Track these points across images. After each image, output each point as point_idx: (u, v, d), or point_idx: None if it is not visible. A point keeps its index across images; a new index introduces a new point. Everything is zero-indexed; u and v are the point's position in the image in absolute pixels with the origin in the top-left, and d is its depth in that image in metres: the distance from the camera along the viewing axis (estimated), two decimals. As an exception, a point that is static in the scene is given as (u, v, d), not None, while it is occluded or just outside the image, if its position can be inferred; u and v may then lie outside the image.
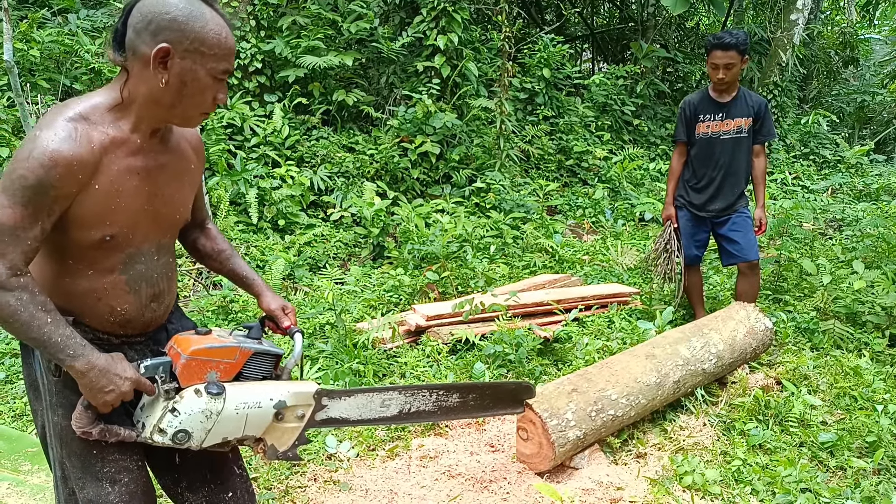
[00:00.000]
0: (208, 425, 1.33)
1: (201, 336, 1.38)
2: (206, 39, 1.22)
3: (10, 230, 1.16)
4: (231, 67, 1.28)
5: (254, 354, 1.42)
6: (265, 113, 5.95)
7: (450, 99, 6.46)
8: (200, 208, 1.61)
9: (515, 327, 3.30)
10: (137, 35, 1.21)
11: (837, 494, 2.24)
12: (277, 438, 1.46)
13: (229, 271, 1.63)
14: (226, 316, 3.77)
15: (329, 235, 5.15)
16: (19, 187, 1.15)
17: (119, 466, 1.35)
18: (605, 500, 2.29)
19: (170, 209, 1.39)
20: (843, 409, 2.82)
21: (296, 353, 1.52)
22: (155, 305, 1.40)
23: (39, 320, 1.19)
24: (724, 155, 3.46)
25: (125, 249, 1.32)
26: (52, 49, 5.43)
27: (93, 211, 1.23)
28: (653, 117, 9.15)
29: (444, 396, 1.82)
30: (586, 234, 6.16)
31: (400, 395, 1.71)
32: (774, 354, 3.29)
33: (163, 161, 1.35)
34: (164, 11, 1.19)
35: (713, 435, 2.68)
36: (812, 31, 10.54)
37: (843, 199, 7.44)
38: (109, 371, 1.25)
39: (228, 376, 1.38)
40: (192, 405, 1.31)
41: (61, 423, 1.33)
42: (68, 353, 1.21)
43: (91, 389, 1.24)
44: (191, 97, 1.25)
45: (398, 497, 2.31)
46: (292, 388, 1.45)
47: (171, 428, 1.30)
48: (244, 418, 1.37)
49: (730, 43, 3.22)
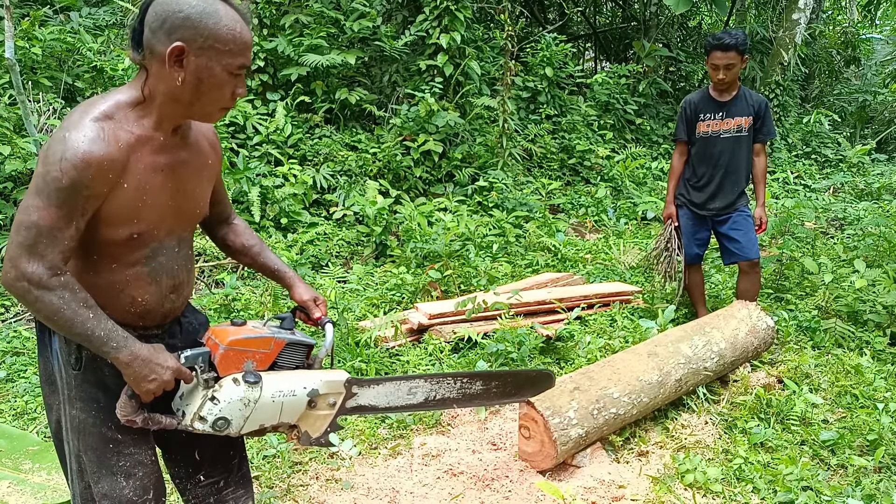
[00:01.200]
0: (246, 413, 1.37)
1: (238, 327, 1.42)
2: (219, 36, 1.23)
3: (47, 231, 1.18)
4: (248, 62, 1.29)
5: (287, 344, 1.46)
6: (268, 111, 5.96)
7: (452, 97, 6.46)
8: (224, 204, 1.63)
9: (518, 326, 3.30)
10: (153, 34, 1.22)
11: (838, 492, 2.24)
12: (311, 425, 1.51)
13: (261, 265, 1.66)
14: (227, 314, 3.78)
15: (331, 234, 5.15)
16: (54, 189, 1.17)
17: (134, 460, 1.38)
18: (607, 498, 2.29)
19: (191, 204, 1.41)
20: (844, 407, 2.83)
21: (327, 343, 1.57)
22: (174, 297, 1.43)
23: (82, 316, 1.22)
24: (725, 154, 3.46)
25: (150, 244, 1.34)
26: (53, 47, 5.43)
27: (122, 209, 1.26)
28: (655, 116, 9.15)
29: (467, 384, 1.88)
30: (589, 232, 6.16)
31: (426, 382, 1.77)
32: (776, 353, 3.29)
33: (184, 157, 1.37)
34: (178, 10, 1.21)
35: (715, 433, 2.69)
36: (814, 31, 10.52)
37: (845, 199, 7.44)
38: (152, 361, 1.28)
39: (264, 366, 1.42)
40: (231, 393, 1.35)
41: (79, 416, 1.35)
42: (112, 345, 1.25)
43: (135, 379, 1.28)
44: (208, 93, 1.27)
45: (400, 495, 2.31)
46: (324, 377, 1.50)
47: (212, 415, 1.34)
48: (280, 406, 1.42)
49: (729, 44, 3.22)
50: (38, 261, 1.19)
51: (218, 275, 4.50)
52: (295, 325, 1.53)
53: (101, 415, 1.35)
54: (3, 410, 2.88)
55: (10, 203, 4.19)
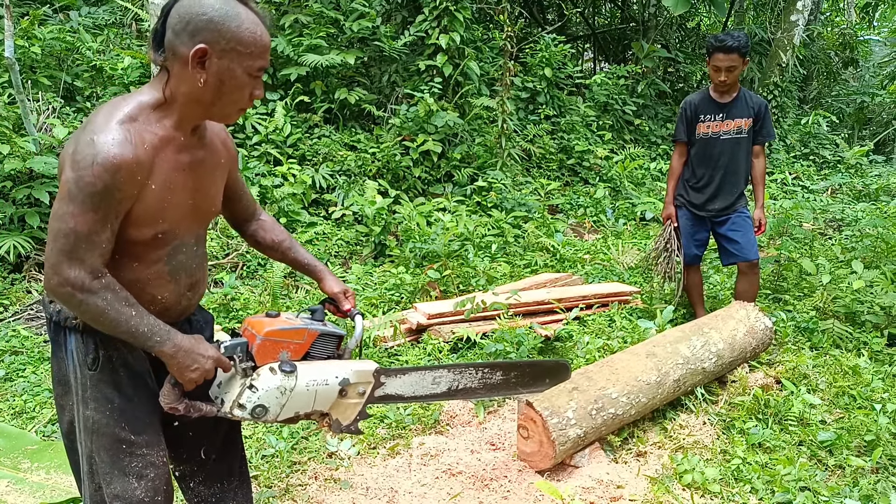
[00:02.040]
0: (283, 400, 1.42)
1: (273, 318, 1.48)
2: (242, 38, 1.25)
3: (85, 237, 1.21)
4: (267, 64, 1.32)
5: (320, 335, 1.52)
6: (267, 111, 5.95)
7: (451, 98, 6.46)
8: (247, 199, 1.66)
9: (516, 326, 3.31)
10: (176, 36, 1.24)
11: (836, 493, 2.25)
12: (341, 413, 1.56)
13: (292, 260, 1.71)
14: (227, 313, 3.78)
15: (331, 234, 5.15)
16: (88, 194, 1.19)
17: (146, 462, 1.39)
18: (606, 498, 2.30)
19: (207, 202, 1.44)
20: (841, 408, 2.84)
21: (357, 334, 1.63)
22: (191, 294, 1.46)
23: (126, 315, 1.25)
24: (724, 155, 3.47)
25: (171, 243, 1.38)
26: (53, 46, 5.43)
27: (149, 209, 1.28)
28: (654, 117, 9.16)
29: (488, 374, 1.94)
30: (587, 233, 6.17)
31: (449, 372, 1.84)
32: (774, 353, 3.30)
33: (201, 156, 1.40)
34: (201, 12, 1.23)
35: (713, 433, 2.69)
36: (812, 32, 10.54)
37: (843, 200, 7.46)
38: (194, 351, 1.33)
39: (298, 356, 1.48)
40: (269, 382, 1.40)
41: (93, 416, 1.36)
42: (156, 339, 1.28)
43: (178, 369, 1.32)
44: (229, 95, 1.29)
45: (399, 495, 2.31)
46: (355, 367, 1.55)
47: (250, 403, 1.39)
48: (314, 394, 1.47)
49: (732, 46, 3.23)
50: (79, 266, 1.21)
51: (217, 274, 4.50)
52: (325, 316, 1.59)
53: (115, 415, 1.36)
54: (1, 409, 2.87)
55: (8, 202, 4.18)
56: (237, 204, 1.63)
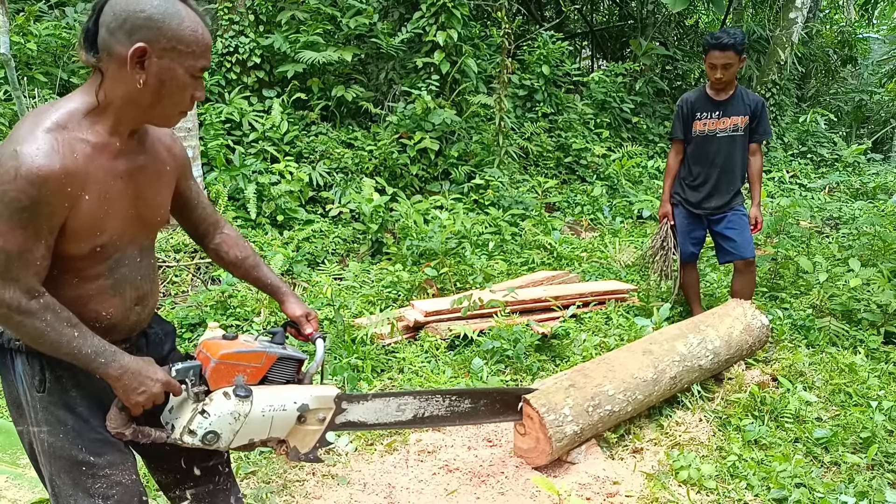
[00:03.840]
0: (236, 427, 1.37)
1: (229, 341, 1.42)
2: (182, 37, 1.19)
3: (17, 255, 1.14)
4: (208, 64, 1.26)
5: (279, 359, 1.46)
6: (264, 108, 5.94)
7: (449, 95, 6.46)
8: (204, 210, 1.57)
9: (513, 323, 3.31)
10: (111, 35, 1.17)
11: (831, 489, 2.26)
12: (300, 440, 1.51)
13: (254, 279, 1.63)
14: (224, 311, 3.78)
15: (328, 231, 5.15)
16: (14, 210, 1.11)
17: (111, 481, 1.33)
18: (602, 494, 2.30)
19: (151, 211, 1.36)
20: (837, 405, 2.85)
21: (318, 359, 1.55)
22: (139, 308, 1.39)
23: (68, 336, 1.19)
24: (721, 153, 3.47)
25: (112, 255, 1.30)
26: (49, 42, 5.41)
27: (86, 221, 1.21)
28: (651, 115, 9.16)
29: (456, 402, 1.89)
30: (584, 231, 6.18)
31: (415, 399, 1.78)
32: (770, 351, 3.31)
33: (141, 162, 1.32)
34: (139, 9, 1.16)
35: (709, 430, 2.70)
36: (811, 30, 10.55)
37: (840, 198, 7.47)
38: (141, 373, 1.27)
39: (254, 380, 1.42)
40: (222, 407, 1.34)
41: (48, 440, 1.30)
42: (100, 360, 1.22)
43: (125, 392, 1.26)
44: (170, 96, 1.23)
45: (396, 491, 2.32)
46: (314, 392, 1.50)
47: (201, 429, 1.33)
48: (270, 420, 1.41)
49: (728, 43, 3.22)
50: (14, 286, 1.14)
51: (214, 272, 4.49)
52: (286, 339, 1.53)
53: (70, 437, 1.29)
54: (0, 406, 2.87)
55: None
56: (192, 213, 1.54)
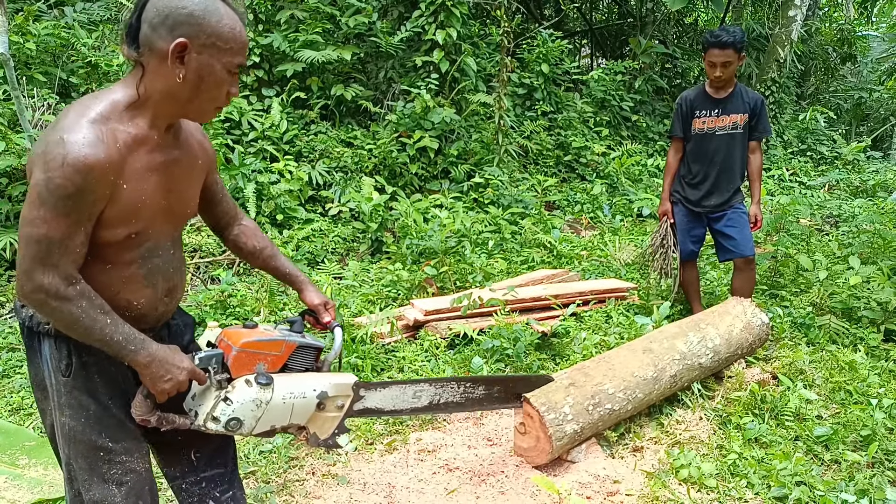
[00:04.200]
0: (258, 413, 1.40)
1: (250, 329, 1.45)
2: (221, 34, 1.23)
3: (58, 242, 1.17)
4: (244, 61, 1.30)
5: (298, 347, 1.49)
6: (263, 107, 5.93)
7: (448, 94, 6.45)
8: (226, 203, 1.61)
9: (513, 322, 3.31)
10: (153, 30, 1.21)
11: (832, 487, 2.26)
12: (319, 427, 1.54)
13: (273, 269, 1.67)
14: (224, 310, 3.77)
15: (327, 230, 5.15)
16: (60, 197, 1.15)
17: (125, 468, 1.36)
18: (602, 493, 2.30)
19: (182, 204, 1.41)
20: (838, 403, 2.85)
21: (336, 347, 1.59)
22: (168, 299, 1.43)
23: (100, 323, 1.23)
24: (720, 151, 3.47)
25: (144, 244, 1.34)
26: (48, 42, 5.40)
27: (121, 210, 1.25)
28: (651, 113, 9.16)
29: (471, 388, 1.92)
30: (584, 229, 6.17)
31: (430, 386, 1.82)
32: (771, 349, 3.31)
33: (175, 156, 1.36)
34: (181, 6, 1.20)
35: (709, 429, 2.70)
36: (810, 28, 10.54)
37: (840, 196, 7.47)
38: (168, 362, 1.30)
39: (274, 368, 1.45)
40: (244, 395, 1.38)
41: (69, 423, 1.33)
42: (130, 348, 1.26)
43: (151, 379, 1.29)
44: (207, 92, 1.27)
45: (396, 490, 2.32)
46: (333, 380, 1.53)
47: (224, 416, 1.37)
48: (290, 407, 1.45)
49: (727, 41, 3.22)
50: (53, 272, 1.18)
51: (214, 271, 4.49)
52: (304, 328, 1.56)
53: (91, 422, 1.33)
54: (-3, 407, 2.87)
55: (4, 198, 4.17)
56: (217, 207, 1.59)
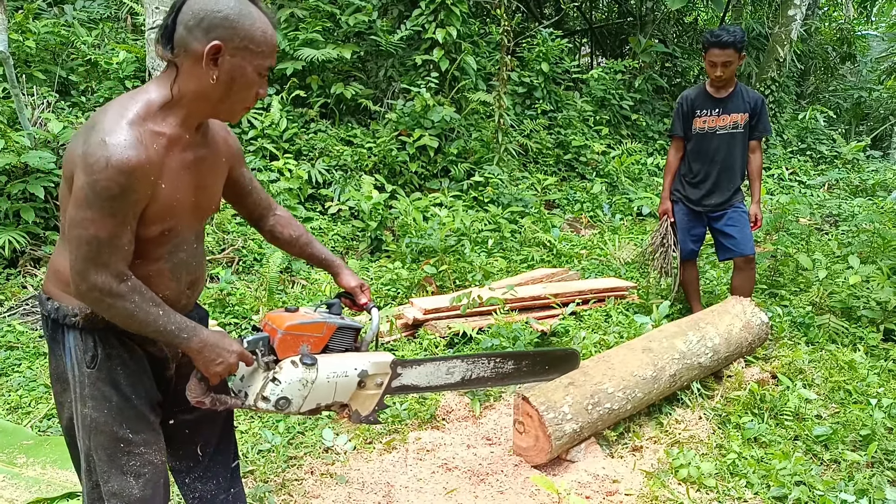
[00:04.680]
0: (305, 392, 1.47)
1: (292, 313, 1.52)
2: (254, 37, 1.27)
3: (107, 241, 1.21)
4: (274, 63, 1.34)
5: (338, 329, 1.56)
6: (263, 105, 5.93)
7: (448, 93, 6.44)
8: (258, 194, 1.65)
9: (513, 321, 3.31)
10: (189, 32, 1.24)
11: (831, 487, 2.26)
12: (360, 404, 1.61)
13: (309, 255, 1.72)
14: (223, 308, 3.77)
15: (327, 229, 5.14)
16: (106, 198, 1.18)
17: (144, 460, 1.40)
18: (601, 492, 2.30)
19: (208, 199, 1.45)
20: (837, 402, 2.85)
21: (373, 327, 1.66)
22: (190, 292, 1.47)
23: (154, 315, 1.28)
24: (720, 150, 3.47)
25: (173, 240, 1.38)
26: (47, 40, 5.39)
27: (159, 208, 1.29)
28: (651, 112, 9.16)
29: (500, 363, 2.00)
30: (584, 228, 6.17)
31: (462, 362, 1.89)
32: (770, 349, 3.31)
33: (203, 154, 1.41)
34: (217, 10, 1.24)
35: (709, 428, 2.70)
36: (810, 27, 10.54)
37: (840, 195, 7.46)
38: (219, 346, 1.35)
39: (317, 349, 1.52)
40: (291, 375, 1.44)
41: (91, 414, 1.36)
42: (183, 336, 1.31)
43: (204, 363, 1.35)
44: (238, 93, 1.31)
45: (395, 490, 2.31)
46: (372, 359, 1.60)
47: (274, 395, 1.43)
48: (334, 386, 1.52)
49: (727, 41, 3.22)
50: (105, 271, 1.22)
51: (213, 269, 4.48)
52: (342, 310, 1.62)
53: (113, 413, 1.36)
54: (-4, 405, 2.87)
55: (3, 197, 4.16)
56: (247, 199, 1.63)
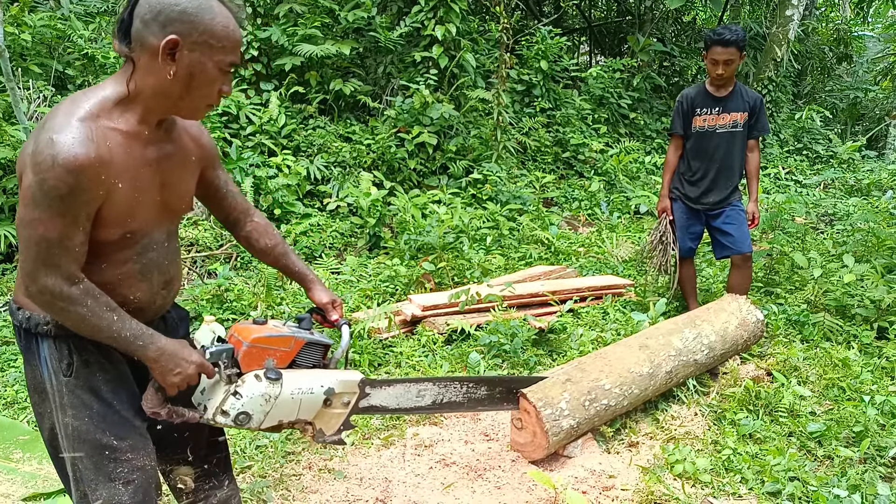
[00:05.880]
0: (267, 408, 1.42)
1: (260, 325, 1.47)
2: (214, 32, 1.22)
3: (57, 242, 1.17)
4: (238, 60, 1.29)
5: (306, 344, 1.51)
6: (261, 101, 5.91)
7: (447, 90, 6.44)
8: (233, 198, 1.60)
9: (511, 318, 3.32)
10: (145, 26, 1.20)
11: (825, 483, 2.28)
12: (325, 423, 1.56)
13: (283, 266, 1.68)
14: (220, 304, 3.77)
15: (325, 225, 5.14)
16: (55, 198, 1.14)
17: (132, 466, 1.35)
18: (598, 487, 2.32)
19: (176, 198, 1.40)
20: (831, 399, 2.87)
21: (343, 344, 1.60)
22: (164, 292, 1.43)
23: (108, 320, 1.23)
24: (720, 149, 3.49)
25: (140, 241, 1.33)
26: (43, 34, 5.36)
27: (118, 209, 1.24)
28: (649, 111, 9.17)
29: (473, 388, 1.94)
30: (582, 226, 6.18)
31: (434, 385, 1.83)
32: (765, 346, 3.33)
33: (168, 151, 1.36)
34: (174, 3, 1.19)
35: (704, 424, 2.72)
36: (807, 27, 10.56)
37: (835, 194, 7.49)
38: (178, 355, 1.31)
39: (283, 363, 1.47)
40: (253, 389, 1.39)
41: (72, 423, 1.32)
42: (139, 343, 1.26)
43: (161, 373, 1.30)
44: (198, 89, 1.26)
45: (392, 485, 2.32)
46: (340, 377, 1.55)
47: (234, 410, 1.38)
48: (298, 403, 1.47)
49: (730, 39, 3.24)
50: (55, 272, 1.18)
51: (210, 265, 4.48)
52: (312, 325, 1.57)
53: (95, 421, 1.32)
54: (-7, 400, 2.86)
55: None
56: (222, 202, 1.58)
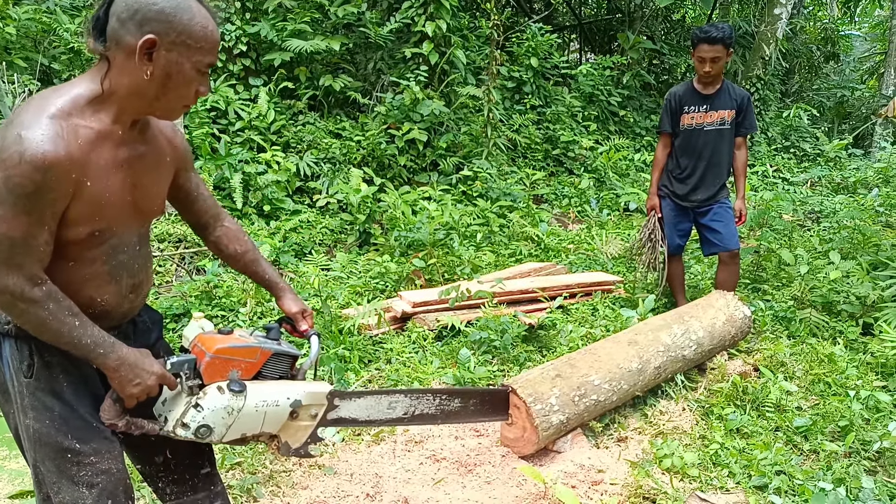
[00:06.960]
0: (229, 421, 1.38)
1: (225, 336, 1.42)
2: (192, 32, 1.20)
3: (21, 242, 1.14)
4: (215, 61, 1.28)
5: (273, 355, 1.47)
6: (250, 97, 5.87)
7: (437, 86, 6.43)
8: (204, 202, 1.57)
9: (501, 314, 3.33)
10: (122, 25, 1.18)
11: (810, 476, 2.31)
12: (291, 436, 1.51)
13: (252, 273, 1.64)
14: (209, 301, 3.75)
15: (315, 221, 5.12)
16: (20, 195, 1.11)
17: (96, 469, 1.32)
18: (587, 482, 2.34)
19: (148, 200, 1.37)
20: (817, 394, 2.91)
21: (312, 355, 1.57)
22: (133, 296, 1.40)
23: (69, 325, 1.20)
24: (708, 146, 3.51)
25: (109, 241, 1.30)
26: (29, 27, 5.29)
27: (85, 208, 1.21)
28: (638, 108, 9.21)
29: (446, 400, 1.90)
30: (572, 223, 6.21)
31: (406, 397, 1.80)
32: (752, 342, 3.36)
33: (141, 151, 1.33)
34: (152, 2, 1.17)
35: (692, 419, 2.74)
36: (795, 26, 10.65)
37: (822, 192, 7.57)
38: (137, 366, 1.27)
39: (249, 375, 1.43)
40: (215, 401, 1.35)
41: (33, 425, 1.29)
42: (99, 351, 1.23)
43: (120, 383, 1.27)
44: (175, 90, 1.24)
45: (383, 481, 2.33)
46: (307, 388, 1.50)
47: (195, 423, 1.34)
48: (263, 415, 1.42)
49: (717, 37, 3.26)
50: (17, 273, 1.14)
51: (199, 262, 4.45)
52: (281, 335, 1.54)
53: (56, 424, 1.29)
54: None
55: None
56: (193, 206, 1.55)
